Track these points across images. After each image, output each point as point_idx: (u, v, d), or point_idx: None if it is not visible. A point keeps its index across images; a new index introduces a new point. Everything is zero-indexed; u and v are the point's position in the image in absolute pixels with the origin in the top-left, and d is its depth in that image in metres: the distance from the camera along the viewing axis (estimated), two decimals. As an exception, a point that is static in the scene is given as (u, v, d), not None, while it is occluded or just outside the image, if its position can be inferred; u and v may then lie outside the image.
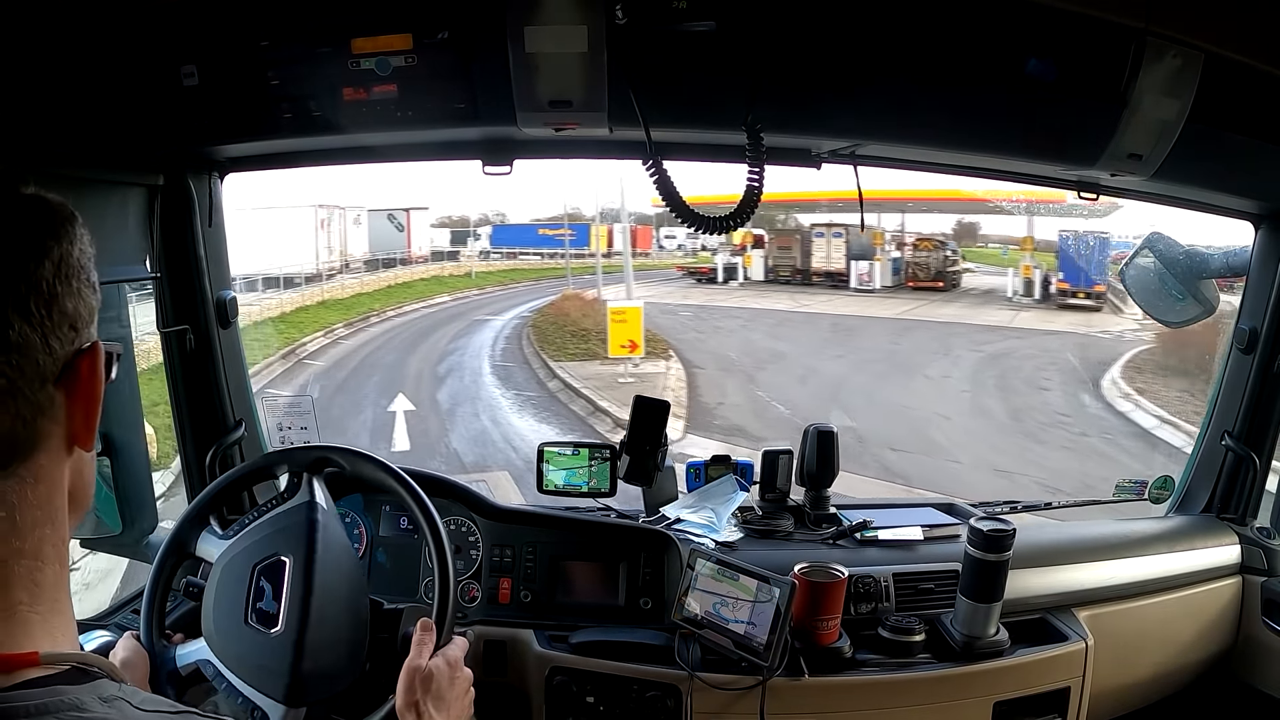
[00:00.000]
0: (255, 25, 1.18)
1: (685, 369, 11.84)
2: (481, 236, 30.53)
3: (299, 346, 14.07)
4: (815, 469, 1.65)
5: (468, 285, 24.22)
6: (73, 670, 0.48)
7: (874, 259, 20.01)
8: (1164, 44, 1.19)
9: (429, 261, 26.46)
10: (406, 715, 0.95)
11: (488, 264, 28.83)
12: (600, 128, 1.22)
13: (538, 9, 1.11)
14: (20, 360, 0.47)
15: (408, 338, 15.30)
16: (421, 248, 26.78)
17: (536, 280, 25.88)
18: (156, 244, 1.42)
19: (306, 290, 18.67)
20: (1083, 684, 1.44)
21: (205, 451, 1.55)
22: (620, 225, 23.76)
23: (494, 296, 22.19)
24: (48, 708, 0.45)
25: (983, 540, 1.36)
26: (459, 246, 29.55)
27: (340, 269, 22.09)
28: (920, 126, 1.31)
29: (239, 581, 1.06)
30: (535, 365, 12.69)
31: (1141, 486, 1.79)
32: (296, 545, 1.07)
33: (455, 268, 26.85)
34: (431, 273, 25.14)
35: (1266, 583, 1.64)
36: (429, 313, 19.02)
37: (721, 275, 21.53)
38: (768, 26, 1.17)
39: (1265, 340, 1.67)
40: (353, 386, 11.27)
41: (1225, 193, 1.58)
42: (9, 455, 0.48)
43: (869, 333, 14.77)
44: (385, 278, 22.62)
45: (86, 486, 0.54)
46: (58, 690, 0.46)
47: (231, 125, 1.27)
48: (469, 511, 1.52)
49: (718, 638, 1.33)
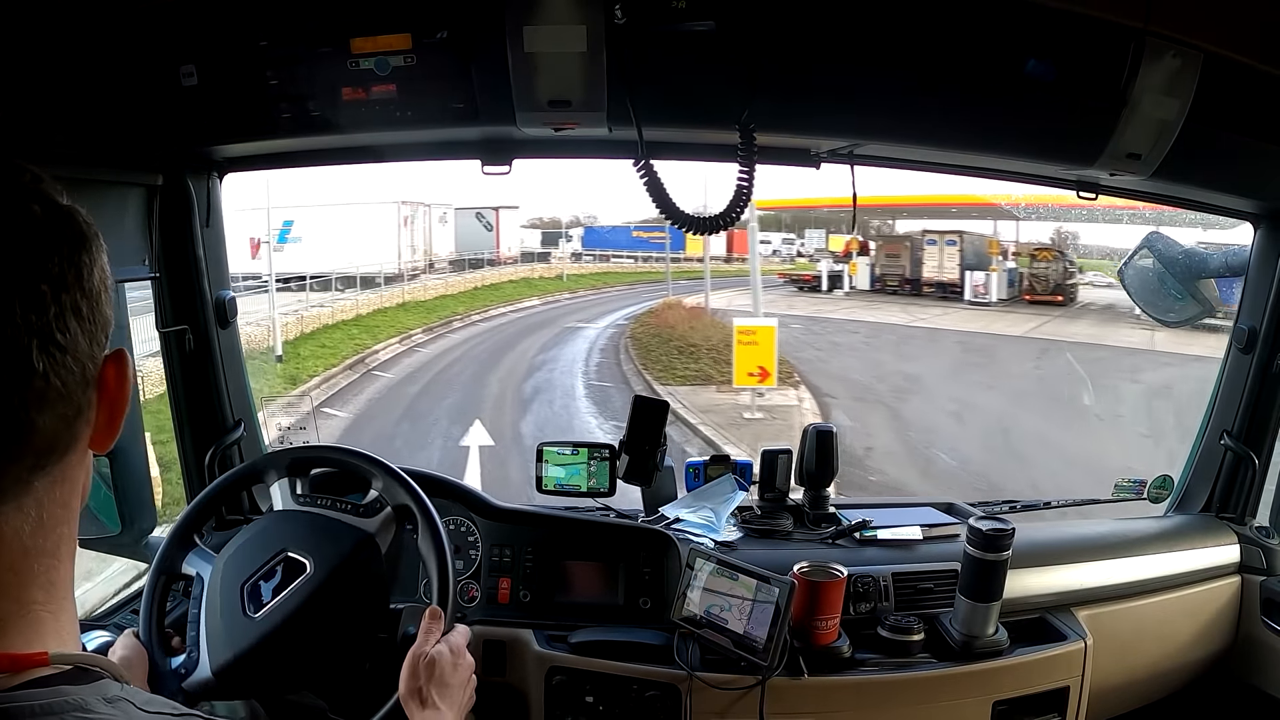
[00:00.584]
0: (254, 25, 1.18)
1: (814, 399, 10.14)
2: (573, 238, 29.46)
3: (370, 355, 13.04)
4: (814, 468, 1.65)
5: (558, 288, 23.13)
6: (75, 670, 0.49)
7: (989, 269, 18.45)
8: (1163, 44, 1.19)
9: (518, 263, 25.71)
10: (410, 702, 0.96)
11: (579, 266, 27.87)
12: (599, 127, 1.22)
13: (537, 9, 1.11)
14: (72, 363, 0.47)
15: (491, 347, 14.06)
16: (510, 248, 26.28)
17: (630, 285, 24.79)
18: (155, 244, 1.42)
19: (386, 291, 17.81)
20: (1082, 683, 1.44)
21: (204, 452, 1.55)
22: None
23: (586, 301, 20.96)
24: (51, 708, 0.45)
25: (982, 540, 1.36)
26: (550, 248, 28.70)
27: (424, 269, 21.25)
28: (919, 126, 1.31)
29: (266, 549, 1.09)
30: (638, 387, 10.91)
31: (1140, 486, 1.79)
32: (326, 561, 1.08)
33: (545, 270, 25.92)
34: (520, 274, 24.17)
35: (1265, 582, 1.64)
36: (516, 318, 17.82)
37: (826, 284, 20.37)
38: (766, 26, 1.17)
39: (1264, 339, 1.67)
40: (422, 410, 9.78)
41: (1224, 192, 1.58)
42: (49, 456, 0.48)
43: (1005, 354, 12.95)
44: (471, 279, 21.78)
45: (88, 486, 0.55)
46: (61, 690, 0.46)
47: (231, 125, 1.27)
48: (468, 511, 1.52)
49: (717, 637, 1.33)
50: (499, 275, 23.07)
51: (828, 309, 17.81)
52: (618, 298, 20.97)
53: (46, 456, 0.48)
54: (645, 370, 11.83)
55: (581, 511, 1.60)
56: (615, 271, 27.57)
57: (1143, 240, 1.77)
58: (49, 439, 0.48)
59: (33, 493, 0.48)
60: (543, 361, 12.74)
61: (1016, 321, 15.31)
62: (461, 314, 17.50)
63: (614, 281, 25.57)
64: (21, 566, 0.48)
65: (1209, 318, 1.77)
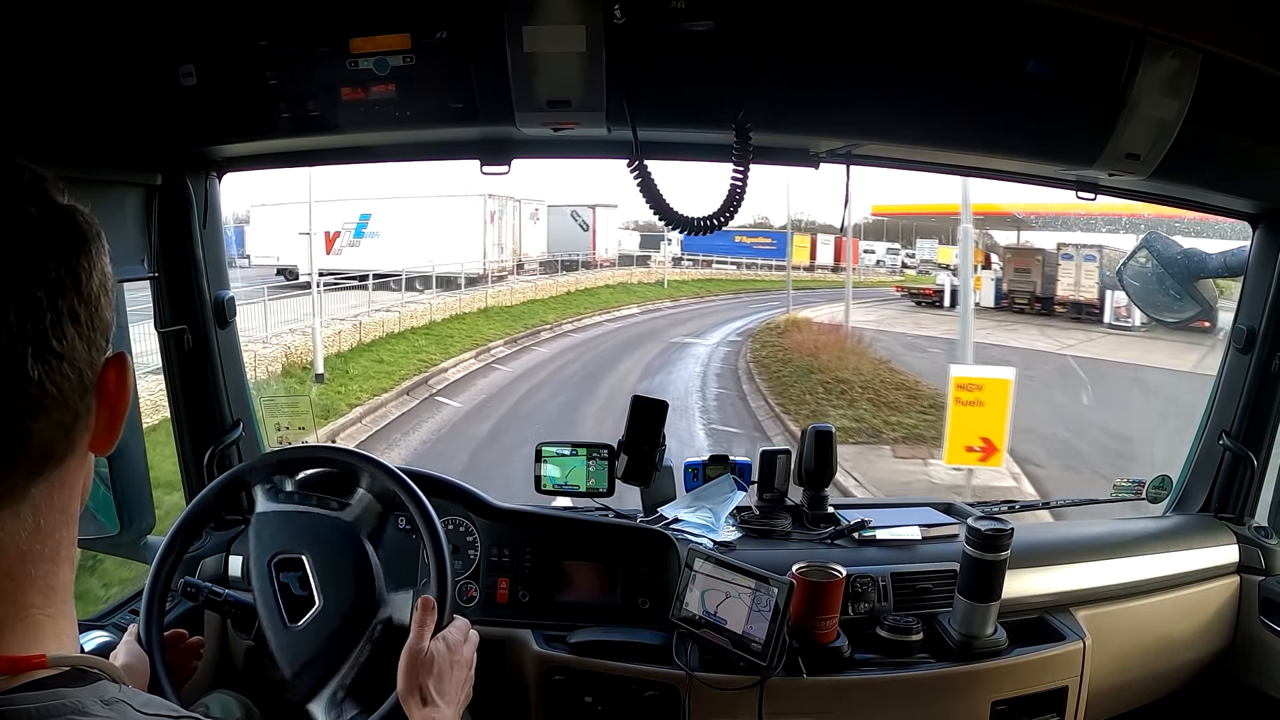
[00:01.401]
0: (253, 25, 1.18)
1: (1019, 468, 7.29)
2: (673, 241, 26.38)
3: (436, 374, 10.76)
4: (813, 469, 1.64)
5: (658, 295, 21.30)
6: (73, 672, 0.48)
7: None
8: (1162, 44, 1.19)
9: (615, 266, 23.70)
10: (409, 700, 0.96)
11: (680, 272, 25.93)
12: (598, 127, 1.22)
13: (536, 9, 1.11)
14: (69, 370, 0.47)
15: (585, 367, 11.72)
16: (607, 250, 24.22)
17: (735, 294, 23.26)
18: (154, 244, 1.42)
19: (466, 294, 15.82)
20: (1080, 683, 1.44)
21: (203, 452, 1.55)
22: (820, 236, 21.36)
23: (689, 311, 19.07)
24: (49, 711, 0.45)
25: (980, 540, 1.36)
26: (649, 251, 26.45)
27: (512, 270, 19.45)
28: (918, 126, 1.31)
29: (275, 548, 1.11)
30: (777, 436, 8.35)
31: (1139, 486, 1.79)
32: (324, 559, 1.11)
33: (644, 274, 23.93)
34: (617, 278, 22.24)
35: (1264, 582, 1.64)
36: (613, 328, 15.80)
37: (949, 299, 17.77)
38: (765, 26, 1.17)
39: (1263, 339, 1.68)
40: (487, 462, 7.34)
41: (1223, 192, 1.58)
42: (45, 463, 0.48)
43: (1195, 399, 7.29)
44: (563, 282, 19.92)
45: (88, 489, 0.55)
46: (59, 693, 0.46)
47: (230, 125, 1.27)
48: (467, 511, 1.52)
49: (716, 637, 1.33)
50: (594, 279, 21.24)
51: (957, 328, 14.32)
52: (724, 308, 19.24)
53: (43, 463, 0.48)
54: (785, 414, 9.28)
55: (580, 511, 1.61)
56: (718, 279, 26.13)
57: (1141, 241, 1.77)
58: (46, 446, 0.47)
59: (29, 499, 0.48)
60: (648, 391, 8.68)
61: (1175, 351, 11.31)
62: (551, 322, 15.52)
63: (717, 289, 23.99)
64: (19, 572, 0.48)
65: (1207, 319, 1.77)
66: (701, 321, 16.68)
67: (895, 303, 19.45)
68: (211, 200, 1.50)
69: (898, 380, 10.75)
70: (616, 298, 19.53)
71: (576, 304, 17.74)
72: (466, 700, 1.02)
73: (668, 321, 16.83)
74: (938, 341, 13.68)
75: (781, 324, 14.90)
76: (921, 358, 12.03)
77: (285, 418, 1.63)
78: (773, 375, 11.29)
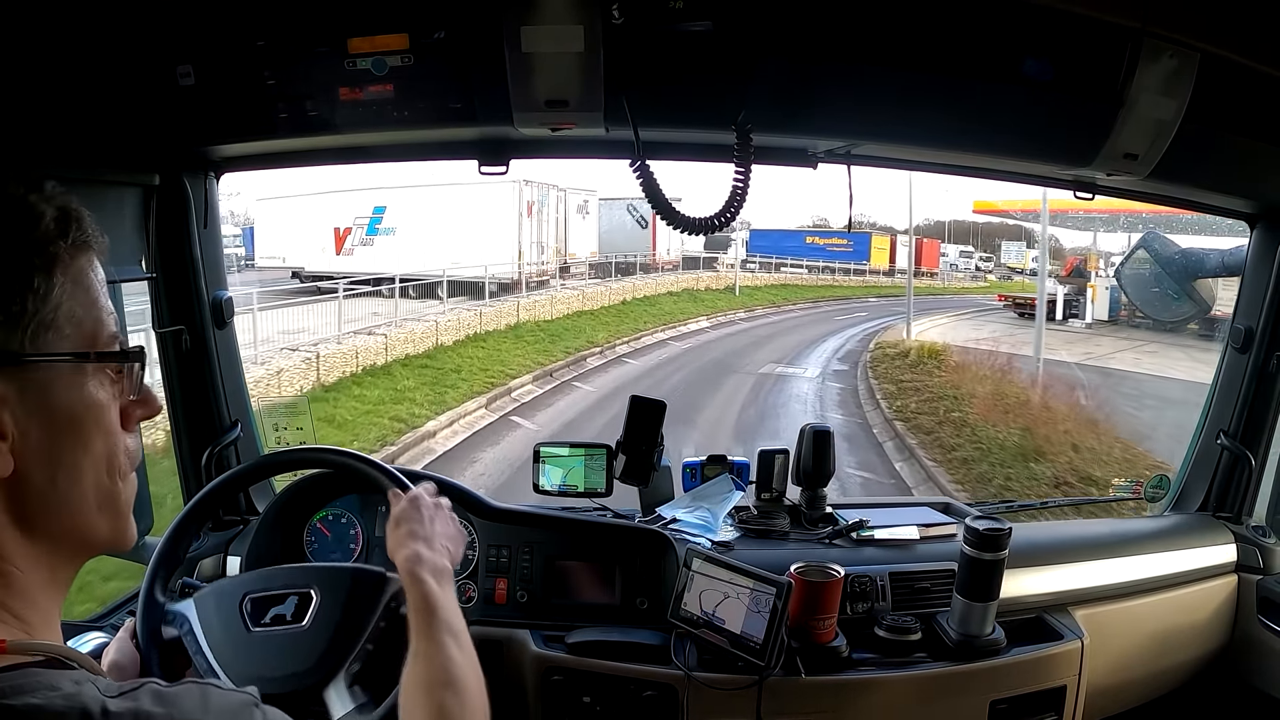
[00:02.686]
0: (251, 25, 1.18)
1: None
2: (736, 241, 23.53)
3: (419, 439, 7.49)
4: (811, 468, 1.64)
5: (729, 304, 18.25)
6: (49, 660, 0.51)
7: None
8: (1161, 44, 1.19)
9: (678, 269, 20.60)
10: (397, 562, 0.95)
11: (750, 276, 22.83)
12: (596, 127, 1.22)
13: (534, 9, 1.11)
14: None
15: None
16: (669, 251, 20.81)
17: (813, 301, 20.24)
18: (152, 244, 1.42)
19: (495, 305, 12.53)
20: (1078, 683, 1.44)
21: (200, 453, 1.55)
22: (902, 236, 18.00)
23: (770, 325, 15.94)
24: (24, 687, 0.46)
25: (979, 539, 1.36)
26: (716, 253, 22.98)
27: (554, 273, 16.26)
28: (916, 126, 1.31)
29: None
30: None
31: (1137, 485, 1.79)
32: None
33: (712, 279, 20.97)
34: (681, 283, 19.36)
35: (1262, 581, 1.64)
36: (680, 349, 12.47)
37: (1061, 311, 15.71)
38: (764, 26, 1.17)
39: (1260, 339, 1.68)
40: None
41: (1221, 192, 1.58)
42: None
43: None
44: (618, 289, 16.70)
45: (47, 510, 0.54)
46: (32, 673, 0.48)
47: (228, 125, 1.27)
48: (465, 512, 1.52)
49: (714, 637, 1.33)
50: (655, 285, 18.19)
51: (1091, 347, 12.55)
52: (805, 320, 16.28)
53: None
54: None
55: (578, 512, 1.60)
56: (790, 284, 23.43)
57: (1139, 240, 1.77)
58: None
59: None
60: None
61: None
62: (602, 344, 12.06)
63: (793, 296, 20.83)
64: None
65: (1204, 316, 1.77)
66: (787, 340, 13.68)
67: (995, 312, 16.99)
68: (210, 200, 1.49)
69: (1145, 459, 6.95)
70: (682, 307, 16.53)
71: (633, 316, 14.44)
72: (459, 543, 1.03)
73: (748, 340, 13.64)
74: (1092, 370, 10.75)
75: (911, 352, 11.20)
76: (1131, 406, 8.31)
77: (283, 418, 1.63)
78: (938, 444, 7.23)
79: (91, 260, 0.56)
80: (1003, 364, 10.55)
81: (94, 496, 0.56)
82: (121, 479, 0.58)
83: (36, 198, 0.53)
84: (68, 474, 0.54)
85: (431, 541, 0.97)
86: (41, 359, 0.52)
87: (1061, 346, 12.46)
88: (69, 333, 0.53)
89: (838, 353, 12.32)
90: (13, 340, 0.50)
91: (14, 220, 0.51)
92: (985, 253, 27.12)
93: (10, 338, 0.50)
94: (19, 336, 0.50)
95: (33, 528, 0.53)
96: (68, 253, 0.53)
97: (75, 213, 0.54)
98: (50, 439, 0.52)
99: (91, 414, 0.55)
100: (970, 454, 6.87)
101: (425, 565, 0.91)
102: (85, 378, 0.54)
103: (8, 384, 0.50)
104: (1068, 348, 12.52)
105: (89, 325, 0.54)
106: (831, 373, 11.13)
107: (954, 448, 7.09)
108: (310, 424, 1.63)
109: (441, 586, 0.90)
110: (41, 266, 0.51)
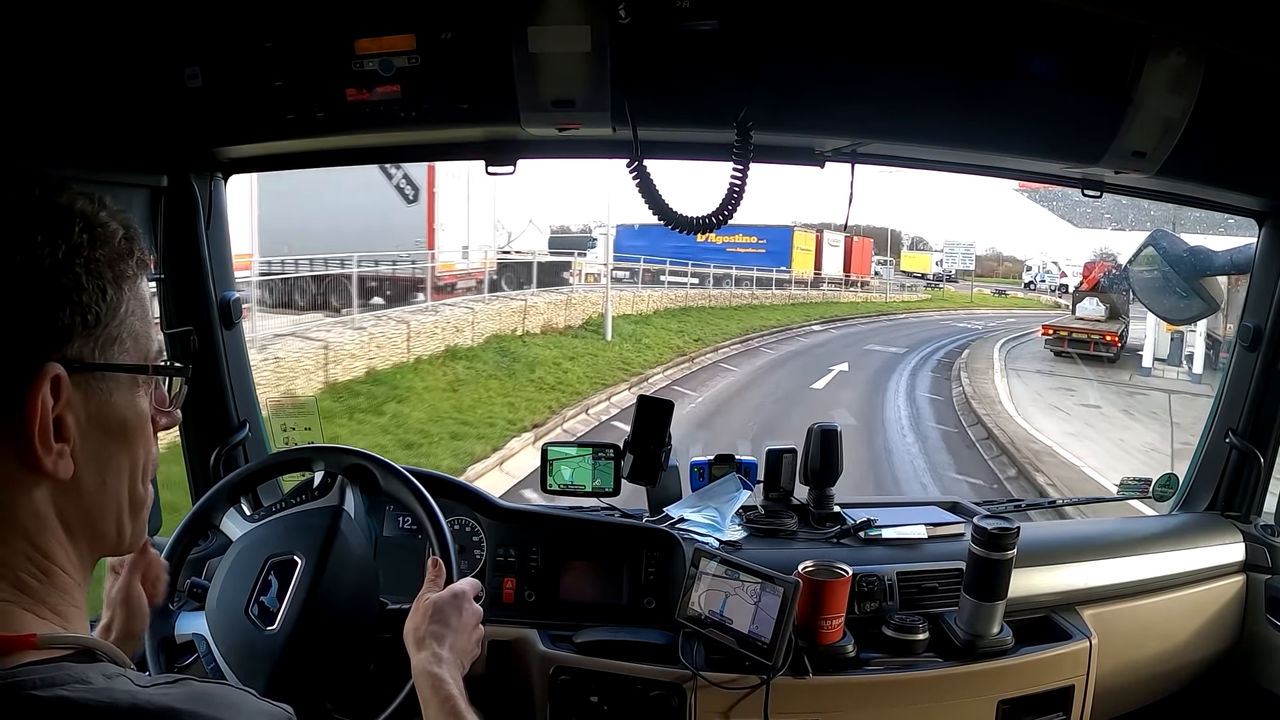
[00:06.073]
0: (259, 26, 1.18)
1: None
2: (598, 244, 17.64)
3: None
4: (819, 468, 1.64)
5: (589, 375, 10.98)
6: (79, 652, 0.51)
7: None
8: (1168, 41, 1.19)
9: (482, 288, 12.69)
10: (410, 644, 0.97)
11: (625, 294, 14.57)
12: (603, 127, 1.22)
13: (541, 9, 1.11)
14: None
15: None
16: (469, 252, 13.55)
17: (742, 339, 13.08)
18: (160, 245, 1.43)
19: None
20: (1086, 682, 1.44)
21: (209, 453, 1.55)
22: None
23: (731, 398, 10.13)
24: (54, 680, 0.47)
25: (986, 539, 1.36)
26: (569, 256, 16.27)
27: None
28: (924, 124, 1.31)
29: (250, 569, 1.09)
30: None
31: (1145, 484, 1.79)
32: (312, 548, 1.09)
33: (560, 304, 12.89)
34: (484, 321, 11.47)
35: (1271, 580, 1.64)
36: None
37: (1149, 357, 10.78)
38: (770, 25, 1.17)
39: (1270, 337, 1.67)
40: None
41: (1229, 190, 1.57)
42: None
43: None
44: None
45: (92, 512, 0.56)
46: (63, 666, 0.49)
47: (235, 126, 1.27)
48: (473, 511, 1.52)
49: (722, 637, 1.33)
50: (391, 339, 10.02)
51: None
52: (770, 379, 10.31)
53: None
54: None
55: (586, 511, 1.61)
56: (694, 305, 15.72)
57: (1148, 238, 1.76)
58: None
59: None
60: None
61: None
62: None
63: (708, 332, 13.06)
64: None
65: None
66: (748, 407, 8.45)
67: (1030, 341, 11.51)
68: (217, 202, 1.50)
69: None
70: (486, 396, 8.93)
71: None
72: (473, 657, 1.02)
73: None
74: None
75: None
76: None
77: (291, 419, 1.63)
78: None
79: (145, 278, 0.59)
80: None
81: (128, 500, 0.58)
82: (150, 484, 0.61)
83: (106, 215, 0.55)
84: (115, 478, 0.57)
85: (457, 641, 0.98)
86: (108, 369, 0.55)
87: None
88: (129, 345, 0.56)
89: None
90: (85, 350, 0.53)
91: (92, 236, 0.53)
92: (882, 256, 23.98)
93: (84, 347, 0.53)
94: (91, 346, 0.54)
95: (78, 529, 0.55)
96: (134, 270, 0.56)
97: (135, 232, 0.57)
98: (104, 445, 0.55)
99: (139, 422, 0.58)
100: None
101: (445, 665, 0.94)
102: (138, 388, 0.58)
103: (75, 391, 0.53)
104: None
105: (144, 339, 0.58)
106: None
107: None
108: (318, 424, 1.63)
109: (456, 680, 0.93)
110: (114, 281, 0.54)
